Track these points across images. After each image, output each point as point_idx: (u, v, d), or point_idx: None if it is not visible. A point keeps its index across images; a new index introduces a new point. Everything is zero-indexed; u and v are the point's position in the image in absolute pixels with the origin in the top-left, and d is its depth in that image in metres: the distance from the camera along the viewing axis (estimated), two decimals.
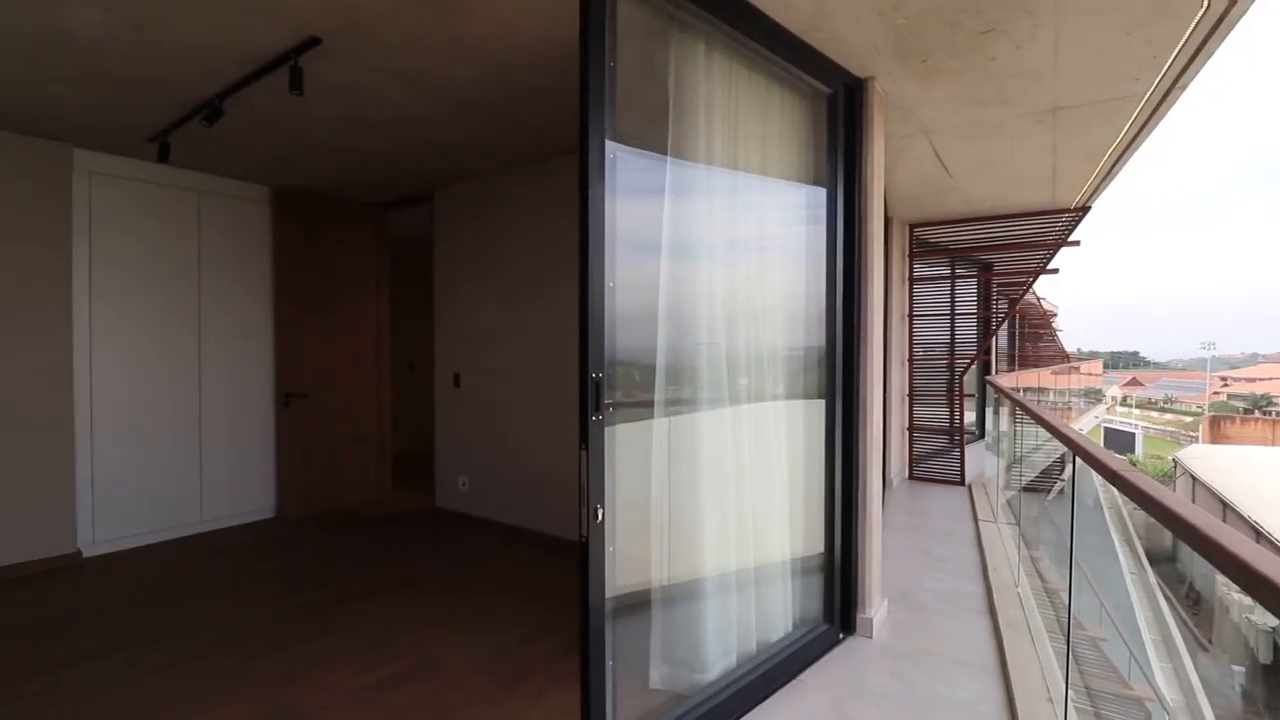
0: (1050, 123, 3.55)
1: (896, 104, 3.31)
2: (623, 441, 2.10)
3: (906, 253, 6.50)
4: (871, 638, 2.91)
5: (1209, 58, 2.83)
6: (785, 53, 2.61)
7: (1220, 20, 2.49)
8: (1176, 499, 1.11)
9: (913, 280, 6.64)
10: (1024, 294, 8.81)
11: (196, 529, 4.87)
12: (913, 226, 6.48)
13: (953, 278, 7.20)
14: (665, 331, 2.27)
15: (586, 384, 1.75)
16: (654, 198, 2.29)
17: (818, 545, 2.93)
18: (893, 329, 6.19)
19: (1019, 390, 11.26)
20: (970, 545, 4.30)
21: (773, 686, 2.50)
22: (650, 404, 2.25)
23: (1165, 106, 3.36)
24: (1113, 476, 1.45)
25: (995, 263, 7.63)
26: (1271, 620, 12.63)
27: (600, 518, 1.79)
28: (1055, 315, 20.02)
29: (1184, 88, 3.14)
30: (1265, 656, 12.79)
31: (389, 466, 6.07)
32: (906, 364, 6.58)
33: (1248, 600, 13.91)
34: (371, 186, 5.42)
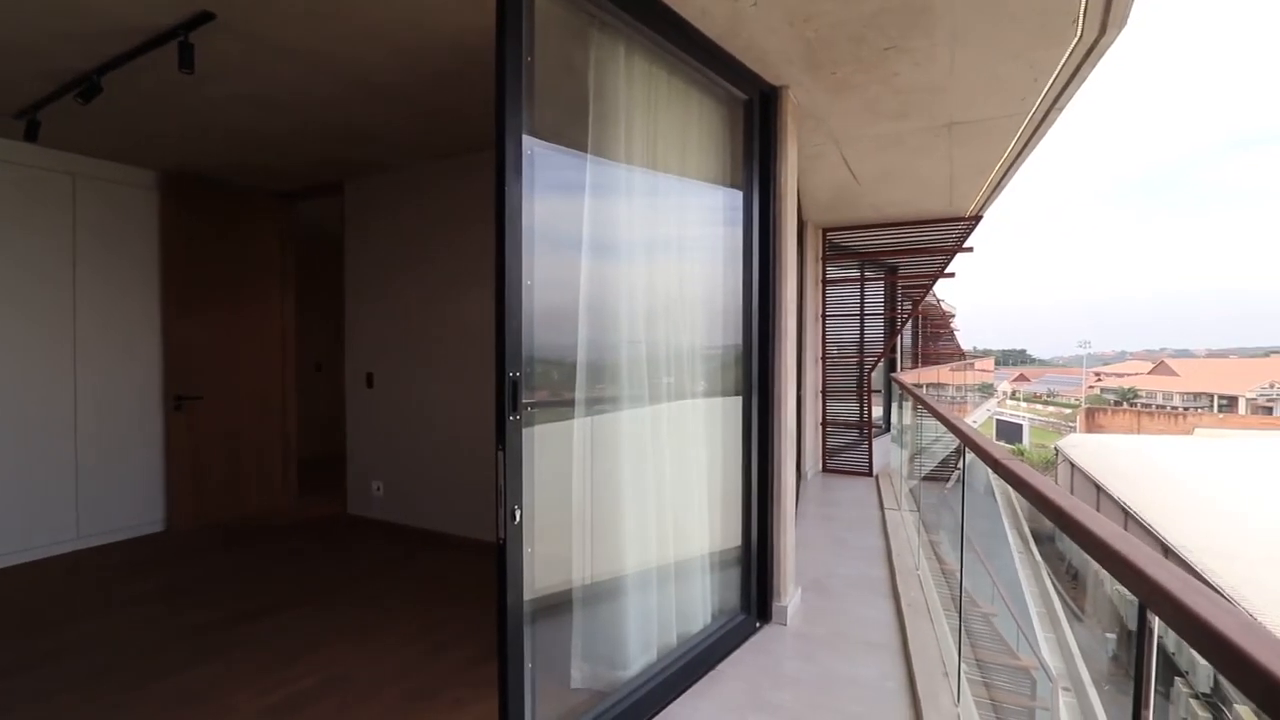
0: (947, 137, 3.81)
1: (809, 113, 3.45)
2: (543, 441, 2.08)
3: (820, 255, 6.80)
4: (786, 625, 3.03)
5: (1082, 83, 3.12)
6: (704, 58, 2.66)
7: (1091, 49, 2.76)
8: (1048, 484, 1.22)
9: (826, 282, 6.96)
10: (925, 296, 9.43)
11: (72, 546, 4.40)
12: (826, 230, 6.78)
13: (862, 280, 7.61)
14: (586, 330, 2.26)
15: (504, 383, 1.72)
16: (574, 195, 2.28)
17: (735, 538, 3.01)
18: (807, 328, 6.46)
19: (922, 386, 12.06)
20: (877, 533, 4.56)
21: (692, 678, 2.55)
22: (571, 403, 2.25)
23: (1046, 125, 3.68)
24: (995, 464, 1.58)
25: (900, 266, 8.13)
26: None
27: (518, 519, 1.76)
28: (954, 316, 21.55)
29: (1061, 109, 3.45)
30: (1132, 623, 14.33)
31: (295, 472, 5.73)
32: (820, 362, 6.89)
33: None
34: (275, 174, 5.09)
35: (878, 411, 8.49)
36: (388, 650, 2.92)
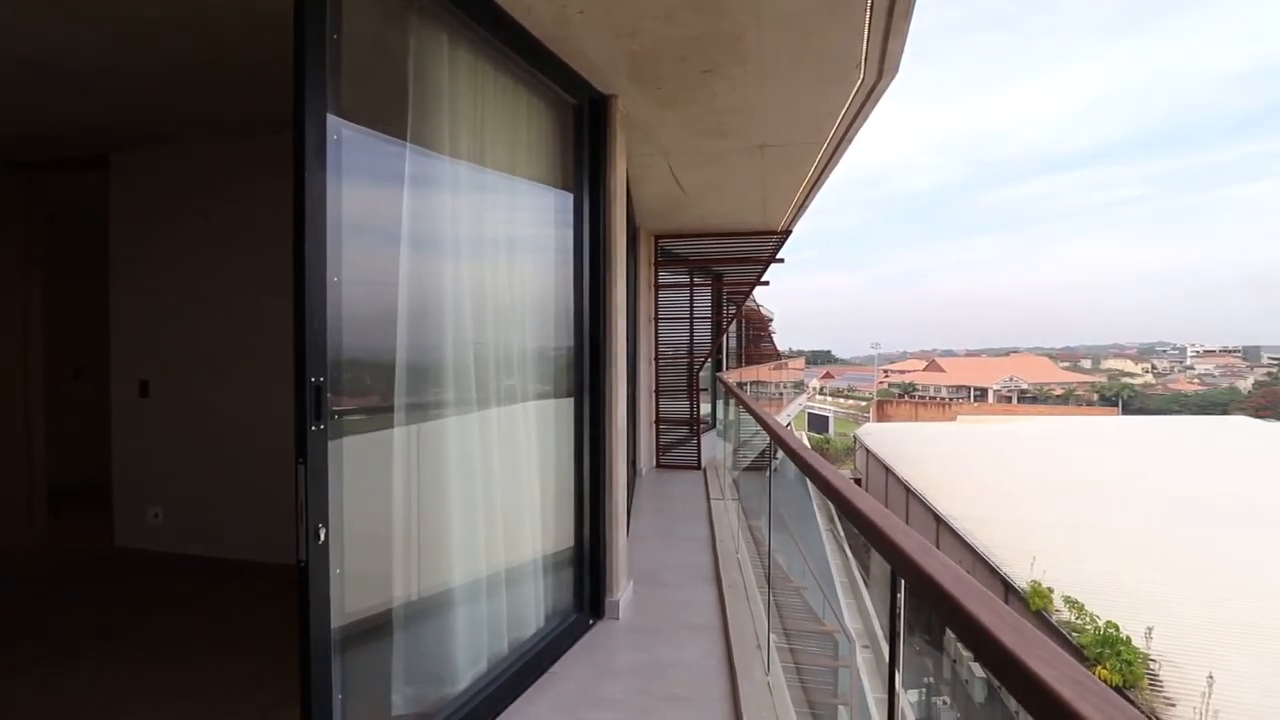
0: (760, 157, 4.18)
1: (637, 124, 3.58)
2: (357, 452, 1.92)
3: (652, 261, 7.09)
4: (619, 619, 3.11)
5: (866, 119, 3.60)
6: (533, 59, 2.65)
7: (871, 91, 3.18)
8: (829, 469, 1.39)
9: (658, 286, 7.27)
10: (745, 301, 10.25)
11: None
12: (658, 237, 7.09)
13: (691, 285, 8.07)
14: (407, 332, 2.13)
15: (305, 389, 1.56)
16: (393, 186, 2.14)
17: (568, 539, 3.03)
18: (641, 330, 6.70)
19: (746, 384, 13.11)
20: (703, 522, 4.86)
21: (526, 683, 2.52)
22: (390, 409, 2.10)
23: (840, 152, 4.19)
24: (791, 453, 1.77)
25: (725, 273, 8.76)
26: None
27: (323, 538, 1.61)
28: (772, 320, 23.71)
29: (851, 139, 3.95)
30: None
31: (43, 499, 4.70)
32: (653, 362, 7.19)
33: None
34: (13, 141, 4.13)
35: (706, 409, 9.07)
36: (175, 703, 2.51)
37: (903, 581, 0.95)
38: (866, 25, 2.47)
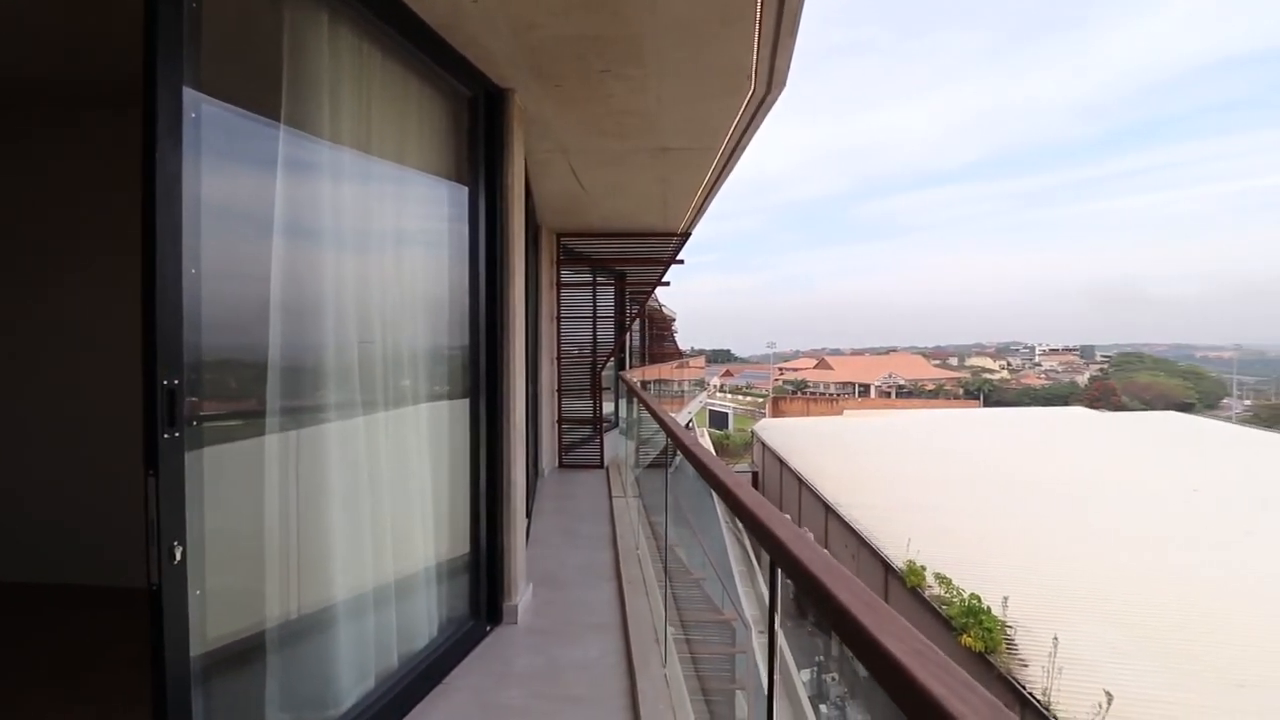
0: (660, 160, 4.25)
1: (536, 120, 3.53)
2: (222, 460, 1.76)
3: (555, 259, 7.02)
4: (518, 623, 3.06)
5: (758, 128, 3.75)
6: (424, 46, 2.54)
7: (762, 102, 3.33)
8: (717, 463, 1.43)
9: (560, 285, 7.21)
10: (648, 300, 10.41)
11: None
12: (560, 235, 7.03)
13: (594, 284, 8.08)
14: (281, 329, 1.97)
15: (156, 393, 1.41)
16: (264, 170, 1.97)
17: (464, 545, 2.94)
18: (543, 329, 6.62)
19: (649, 383, 13.31)
20: (605, 520, 4.88)
21: (416, 697, 2.41)
22: (262, 414, 1.94)
23: (734, 160, 4.34)
24: (683, 448, 1.81)
25: (627, 273, 8.84)
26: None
27: (179, 557, 1.46)
28: (674, 320, 24.22)
29: (745, 148, 4.10)
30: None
31: None
32: (556, 361, 7.12)
33: None
34: None
35: (609, 407, 9.11)
36: None
37: (779, 569, 1.00)
38: (756, 39, 2.58)
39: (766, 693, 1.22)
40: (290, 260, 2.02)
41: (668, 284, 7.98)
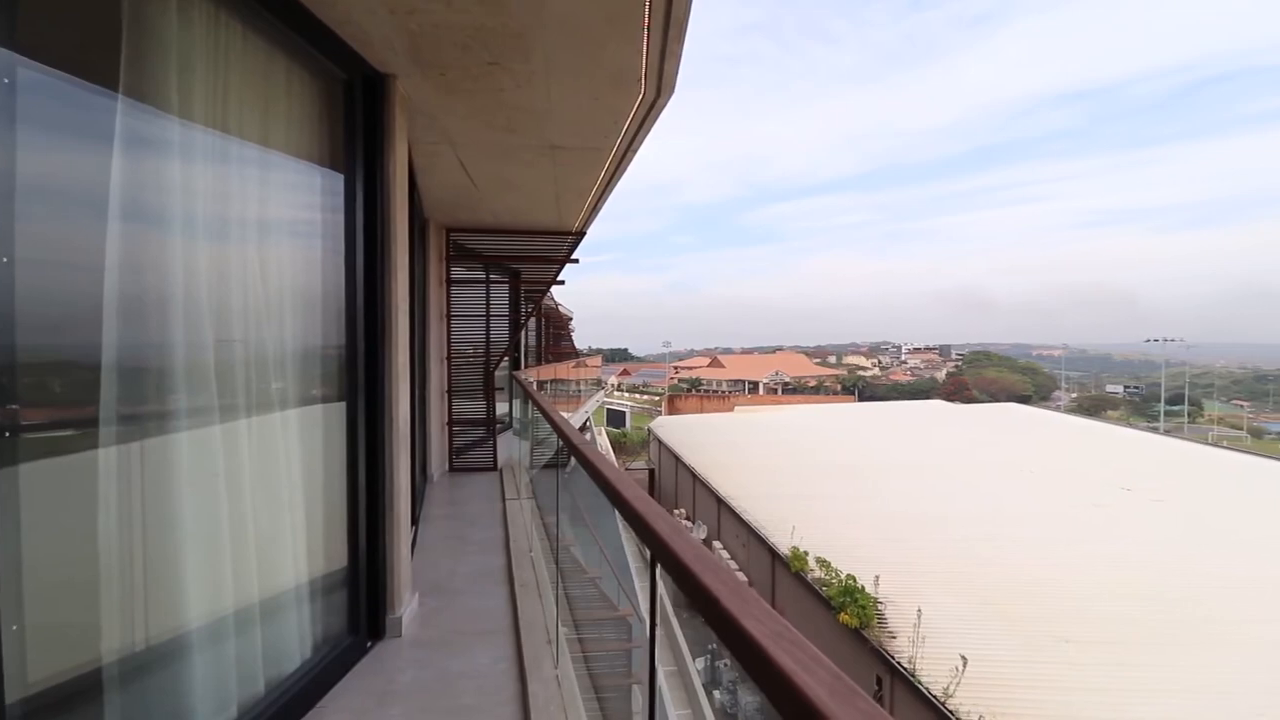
0: (552, 158, 4.21)
1: (421, 110, 3.38)
2: (44, 476, 1.54)
3: (444, 255, 6.76)
4: (402, 636, 2.91)
5: (649, 132, 3.82)
6: (291, 21, 2.35)
7: (652, 106, 3.39)
8: (605, 462, 1.45)
9: (450, 282, 6.95)
10: (543, 299, 10.29)
11: None
12: (450, 231, 6.77)
13: (487, 282, 7.86)
14: (118, 327, 1.75)
15: None
16: (98, 147, 1.74)
17: (341, 559, 2.75)
18: (432, 328, 6.36)
19: (546, 383, 13.15)
20: (498, 524, 4.77)
21: None
22: (94, 422, 1.71)
23: (626, 161, 4.39)
24: (572, 447, 1.81)
25: (522, 271, 8.68)
26: (702, 534, 18.38)
27: None
28: (571, 319, 24.12)
29: (636, 150, 4.16)
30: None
31: None
32: (445, 362, 6.86)
33: (688, 523, 19.70)
34: None
35: (503, 408, 8.91)
36: None
37: (659, 563, 1.03)
38: (645, 43, 2.62)
39: (649, 684, 1.25)
40: (131, 249, 1.80)
41: (563, 283, 7.94)
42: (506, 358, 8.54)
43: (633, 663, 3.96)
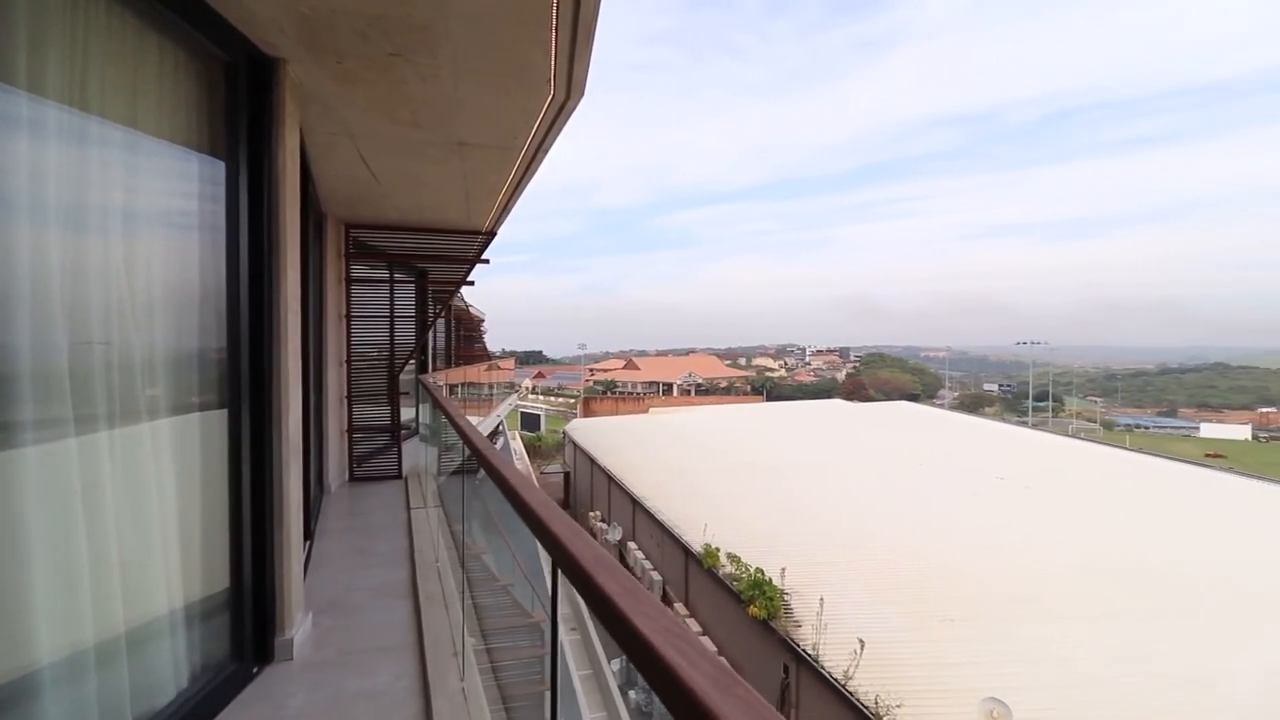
0: (460, 155, 4.10)
1: (315, 98, 3.19)
2: None
3: (344, 252, 6.40)
4: (293, 659, 2.73)
5: (559, 133, 3.80)
6: None
7: (562, 108, 3.37)
8: (508, 466, 1.42)
9: (350, 281, 6.59)
10: (452, 300, 9.97)
11: None
12: (349, 227, 6.42)
13: (392, 281, 7.51)
14: None
15: None
16: None
17: (222, 580, 2.54)
18: (329, 330, 6.00)
19: (457, 386, 12.73)
20: (402, 534, 4.57)
21: None
22: None
23: (537, 162, 4.34)
24: (476, 451, 1.77)
25: (430, 271, 8.37)
26: (617, 535, 18.42)
27: None
28: (484, 321, 23.52)
29: (548, 150, 4.12)
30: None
31: None
32: (345, 365, 6.49)
33: (603, 525, 19.71)
34: None
35: (409, 413, 8.55)
36: None
37: (559, 567, 1.02)
38: (553, 45, 2.61)
39: (550, 688, 1.24)
40: None
41: (472, 283, 7.73)
42: (413, 361, 8.21)
43: (545, 669, 3.91)
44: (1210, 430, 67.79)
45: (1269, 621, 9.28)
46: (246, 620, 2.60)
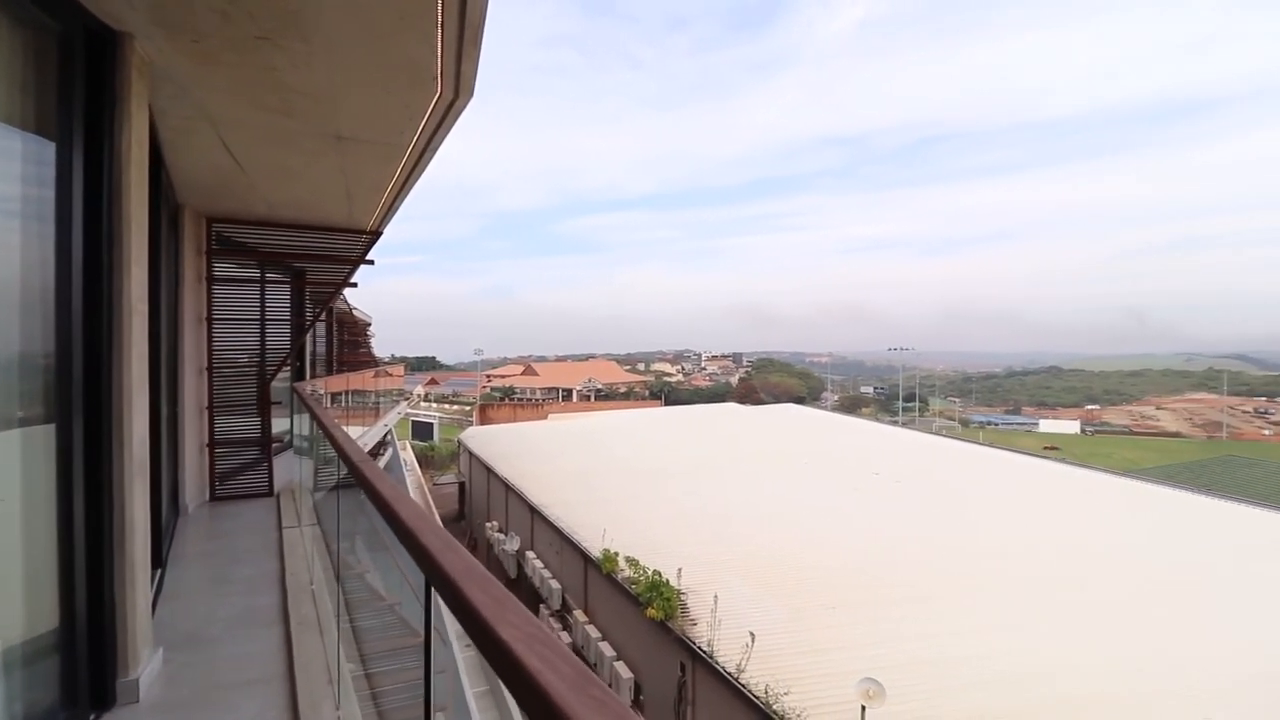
0: (338, 149, 3.86)
1: (169, 77, 2.90)
2: None
3: (204, 249, 5.82)
4: (139, 701, 2.43)
5: (448, 132, 3.68)
6: None
7: (450, 106, 3.27)
8: (382, 478, 1.36)
9: (213, 280, 6.00)
10: (332, 303, 9.36)
11: None
12: (212, 221, 5.85)
13: (263, 282, 6.93)
14: None
15: None
16: None
17: (50, 619, 2.22)
18: (187, 333, 5.43)
19: (340, 395, 11.90)
20: (272, 556, 4.21)
21: None
22: None
23: (425, 160, 4.18)
24: (350, 464, 1.68)
25: (307, 271, 7.79)
26: (515, 545, 17.97)
27: None
28: (370, 325, 22.23)
29: (436, 149, 3.98)
30: (513, 572, 18.17)
31: None
32: (206, 373, 5.89)
33: (500, 535, 19.20)
34: None
35: (283, 425, 7.90)
36: None
37: (431, 583, 1.00)
38: (440, 41, 2.53)
39: (424, 709, 1.21)
40: None
41: (355, 285, 7.28)
42: (288, 367, 7.61)
43: (435, 690, 3.74)
44: (1047, 426, 77.46)
45: (1102, 586, 10.70)
46: (81, 662, 2.29)
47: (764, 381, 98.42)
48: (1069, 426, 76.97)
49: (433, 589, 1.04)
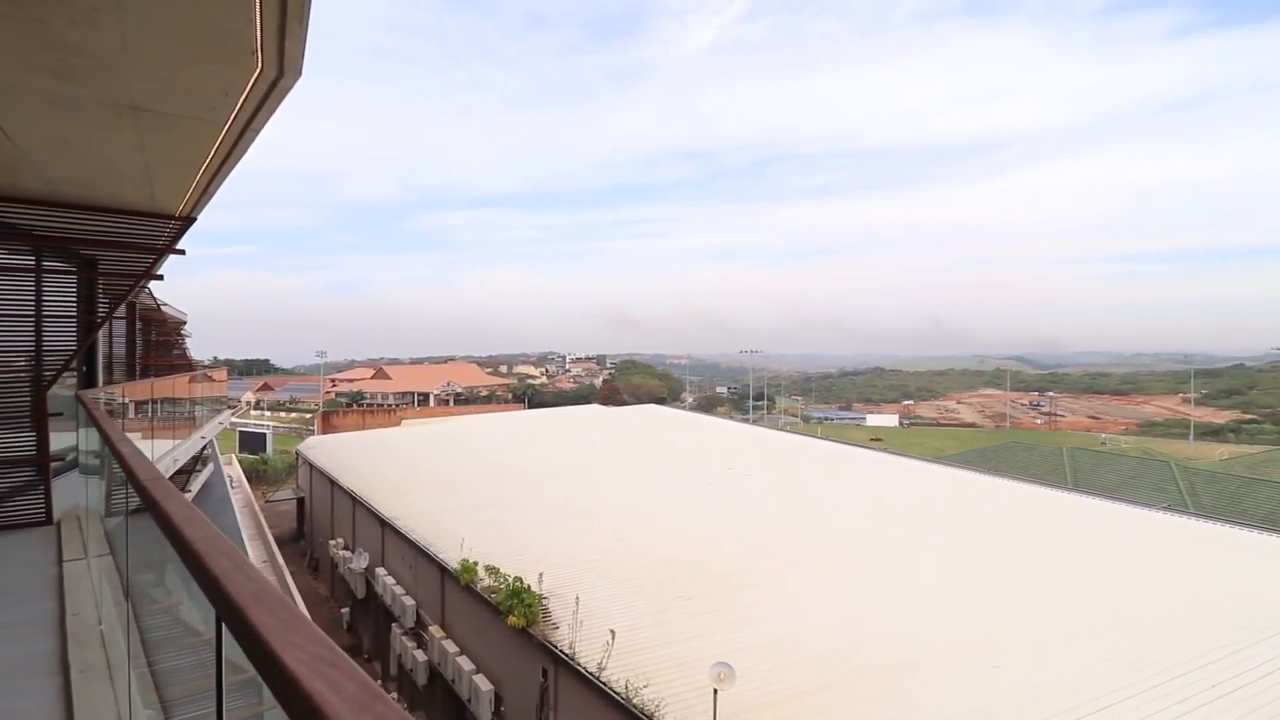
0: (134, 121, 3.37)
1: None
2: None
3: None
4: None
5: (273, 112, 3.36)
6: None
7: (274, 85, 2.99)
8: (175, 499, 1.22)
9: None
10: (133, 297, 8.13)
11: None
12: None
13: (39, 270, 5.84)
14: None
15: None
16: None
17: None
18: None
19: (147, 403, 10.31)
20: (49, 595, 3.56)
21: None
22: None
23: (247, 141, 3.77)
24: (135, 482, 1.48)
25: (100, 260, 6.69)
26: (364, 563, 16.69)
27: None
28: (185, 324, 19.56)
29: (259, 130, 3.61)
30: (361, 592, 16.83)
31: None
32: None
33: (346, 553, 17.76)
34: None
35: (68, 440, 6.71)
36: None
37: (217, 609, 0.92)
38: (258, 13, 2.31)
39: None
40: None
41: (161, 278, 6.38)
42: (72, 372, 6.48)
43: None
44: (873, 420, 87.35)
45: (923, 560, 12.19)
46: None
47: (627, 383, 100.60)
48: (890, 420, 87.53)
49: (222, 627, 0.96)
